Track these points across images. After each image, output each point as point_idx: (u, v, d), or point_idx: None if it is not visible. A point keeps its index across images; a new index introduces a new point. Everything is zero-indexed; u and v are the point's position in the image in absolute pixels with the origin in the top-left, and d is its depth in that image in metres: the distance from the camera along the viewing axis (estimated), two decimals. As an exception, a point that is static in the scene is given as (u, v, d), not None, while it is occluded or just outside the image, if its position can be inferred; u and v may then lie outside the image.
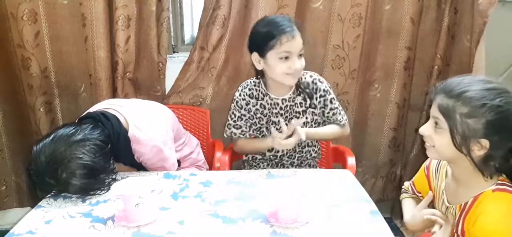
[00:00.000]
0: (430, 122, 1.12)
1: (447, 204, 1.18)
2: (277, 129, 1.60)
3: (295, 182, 1.16)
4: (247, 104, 1.66)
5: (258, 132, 1.70)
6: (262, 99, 1.65)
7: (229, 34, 1.95)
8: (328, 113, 1.66)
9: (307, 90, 1.62)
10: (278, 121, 1.63)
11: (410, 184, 1.41)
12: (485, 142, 1.04)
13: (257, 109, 1.66)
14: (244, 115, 1.66)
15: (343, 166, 1.74)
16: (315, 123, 1.68)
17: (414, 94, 2.16)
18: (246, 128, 1.67)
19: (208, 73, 2.01)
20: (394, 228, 1.46)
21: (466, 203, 1.10)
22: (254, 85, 1.66)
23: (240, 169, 1.85)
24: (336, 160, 1.91)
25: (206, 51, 1.97)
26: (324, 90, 1.63)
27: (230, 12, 1.91)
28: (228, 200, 1.26)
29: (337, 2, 1.93)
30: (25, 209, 2.16)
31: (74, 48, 1.92)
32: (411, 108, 2.19)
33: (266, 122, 1.67)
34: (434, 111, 1.09)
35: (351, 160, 1.73)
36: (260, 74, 1.63)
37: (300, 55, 1.52)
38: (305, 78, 1.63)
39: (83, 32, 1.87)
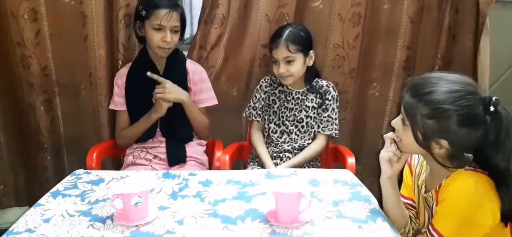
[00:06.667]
0: (400, 116, 1.16)
1: (424, 195, 1.22)
2: (285, 115, 1.87)
3: (294, 182, 1.16)
4: (266, 87, 1.91)
5: (268, 116, 1.91)
6: (282, 86, 1.89)
7: (228, 33, 1.94)
8: (324, 117, 1.81)
9: (321, 91, 1.84)
10: (289, 108, 1.86)
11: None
12: (445, 142, 1.08)
13: (273, 92, 1.90)
14: (262, 98, 1.91)
15: (343, 165, 1.74)
16: (314, 123, 1.82)
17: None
18: (260, 111, 1.91)
19: (207, 72, 2.01)
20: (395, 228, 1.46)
21: (440, 184, 1.13)
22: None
23: (247, 163, 1.94)
24: (336, 160, 1.91)
25: (205, 50, 1.97)
26: (332, 97, 1.84)
27: (229, 11, 1.91)
28: (227, 199, 1.25)
29: (337, 2, 1.93)
30: (23, 209, 2.16)
31: (75, 46, 1.91)
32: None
33: (278, 107, 1.88)
34: (401, 107, 1.14)
35: (351, 160, 1.74)
36: None
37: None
38: (321, 82, 1.87)
39: (83, 30, 1.87)
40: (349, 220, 1.13)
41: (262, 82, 1.92)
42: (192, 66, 1.85)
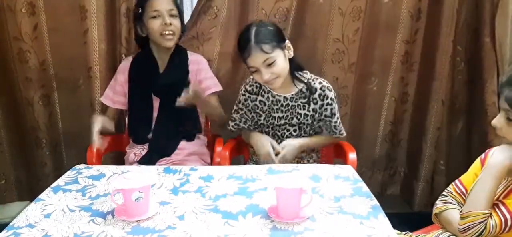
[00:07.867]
0: (501, 114, 1.16)
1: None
2: (274, 122, 1.70)
3: (296, 177, 1.16)
4: (245, 100, 1.73)
5: (257, 126, 1.76)
6: (263, 95, 1.70)
7: (223, 27, 1.94)
8: (336, 122, 1.72)
9: (313, 93, 1.67)
10: (278, 117, 1.69)
11: (454, 185, 1.34)
12: None
13: (255, 105, 1.72)
14: (241, 109, 1.75)
15: (344, 160, 1.74)
16: (309, 128, 1.73)
17: (415, 89, 2.14)
18: (239, 121, 1.77)
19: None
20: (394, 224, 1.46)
21: None
22: (256, 81, 1.69)
23: (247, 161, 1.91)
24: (337, 155, 1.91)
25: (200, 43, 1.96)
26: (331, 99, 1.68)
27: (225, 3, 1.91)
28: (228, 195, 1.25)
29: (337, -5, 1.92)
30: (24, 203, 2.16)
31: (73, 41, 1.91)
32: (411, 103, 2.18)
33: (265, 118, 1.72)
34: (503, 104, 1.14)
35: (352, 155, 1.73)
36: None
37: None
38: (314, 83, 1.67)
39: (82, 24, 1.86)
40: (350, 216, 1.13)
41: (240, 93, 1.74)
42: (192, 57, 1.85)
